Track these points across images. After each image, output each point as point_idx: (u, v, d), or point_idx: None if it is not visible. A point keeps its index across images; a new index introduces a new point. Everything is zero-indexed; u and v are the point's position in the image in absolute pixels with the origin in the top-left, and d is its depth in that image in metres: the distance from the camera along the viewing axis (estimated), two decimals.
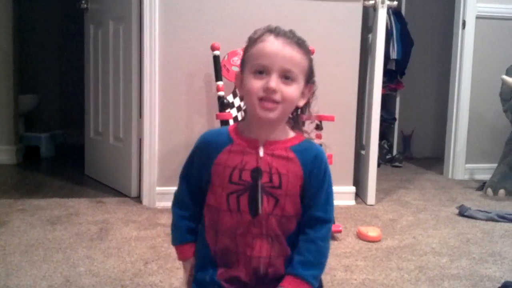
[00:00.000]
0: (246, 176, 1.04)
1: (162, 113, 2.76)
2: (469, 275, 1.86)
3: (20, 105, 4.05)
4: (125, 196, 2.93)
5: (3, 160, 3.83)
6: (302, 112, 1.11)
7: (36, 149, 4.33)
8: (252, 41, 1.05)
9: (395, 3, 2.98)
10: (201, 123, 2.78)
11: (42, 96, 4.78)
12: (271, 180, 1.04)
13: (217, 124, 2.62)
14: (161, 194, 2.73)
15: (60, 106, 5.22)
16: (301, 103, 1.08)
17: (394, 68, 4.35)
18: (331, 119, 2.37)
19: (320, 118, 2.36)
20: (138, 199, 2.85)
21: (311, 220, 1.06)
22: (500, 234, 2.40)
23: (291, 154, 1.06)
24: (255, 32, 1.07)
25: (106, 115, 3.22)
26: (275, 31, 1.04)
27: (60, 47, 5.15)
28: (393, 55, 4.28)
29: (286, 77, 1.01)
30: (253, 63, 1.03)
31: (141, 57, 2.75)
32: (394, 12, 4.32)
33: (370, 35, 3.03)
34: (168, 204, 1.16)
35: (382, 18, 2.86)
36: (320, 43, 2.78)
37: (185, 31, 2.74)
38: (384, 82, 3.77)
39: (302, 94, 1.07)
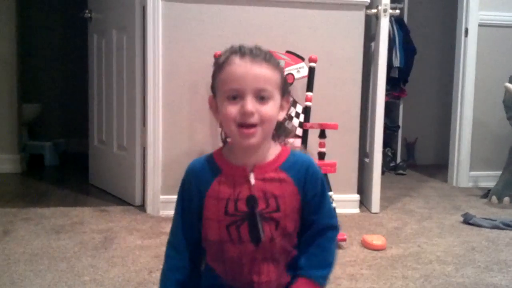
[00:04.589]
0: (242, 206, 1.01)
1: (166, 122, 2.77)
2: (475, 283, 1.85)
3: (24, 114, 4.07)
4: (129, 204, 2.93)
5: (7, 169, 3.85)
6: (280, 129, 1.08)
7: (40, 157, 4.34)
8: (219, 65, 1.01)
9: (398, 11, 3.00)
10: (204, 132, 2.78)
11: (45, 105, 4.80)
12: (268, 206, 1.01)
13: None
14: (165, 202, 2.73)
15: (63, 115, 5.24)
16: (281, 116, 1.05)
17: (397, 76, 4.36)
18: (334, 127, 2.38)
19: (324, 127, 2.37)
20: (142, 207, 2.85)
21: (320, 229, 1.06)
22: (506, 242, 2.38)
23: (283, 175, 1.03)
24: (220, 55, 1.03)
25: (110, 124, 3.22)
26: (240, 51, 0.99)
27: (63, 56, 5.18)
28: (396, 63, 4.28)
29: (262, 96, 0.98)
30: (224, 89, 0.98)
31: (145, 66, 2.76)
32: (397, 20, 4.33)
33: (372, 43, 3.04)
34: (172, 212, 1.15)
35: (384, 26, 2.86)
36: (323, 52, 2.79)
37: (188, 40, 2.75)
38: (387, 90, 3.76)
39: (281, 107, 1.04)
